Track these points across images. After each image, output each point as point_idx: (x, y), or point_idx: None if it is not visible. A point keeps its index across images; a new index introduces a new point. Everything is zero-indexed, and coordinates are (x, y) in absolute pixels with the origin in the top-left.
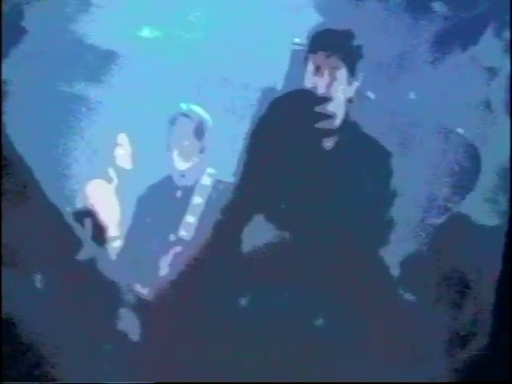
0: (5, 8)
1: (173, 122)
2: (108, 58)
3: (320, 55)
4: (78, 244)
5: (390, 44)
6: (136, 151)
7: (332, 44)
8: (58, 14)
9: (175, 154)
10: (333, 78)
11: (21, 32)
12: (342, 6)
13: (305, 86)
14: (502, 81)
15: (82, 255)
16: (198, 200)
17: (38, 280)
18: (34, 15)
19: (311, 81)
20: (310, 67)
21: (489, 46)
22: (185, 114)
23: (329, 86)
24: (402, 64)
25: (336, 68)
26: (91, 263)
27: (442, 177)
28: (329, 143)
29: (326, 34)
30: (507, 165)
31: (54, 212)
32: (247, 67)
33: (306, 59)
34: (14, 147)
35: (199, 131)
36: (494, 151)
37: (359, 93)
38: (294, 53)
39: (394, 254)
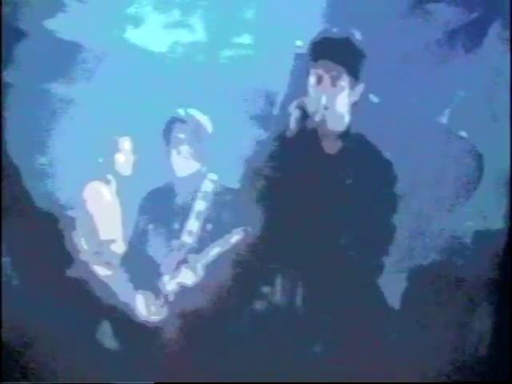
0: (4, 10)
1: (169, 127)
2: (108, 60)
3: (321, 65)
4: (69, 259)
5: (393, 46)
6: (136, 157)
7: (332, 53)
8: (55, 15)
9: (174, 159)
10: (335, 88)
11: (18, 34)
12: (344, 8)
13: (309, 95)
14: (505, 83)
15: (73, 271)
16: (200, 206)
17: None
18: (30, 17)
19: (314, 92)
20: (312, 79)
21: (492, 47)
22: (181, 119)
23: (331, 96)
24: (404, 66)
25: (338, 76)
26: (82, 280)
27: (444, 180)
28: (332, 149)
29: (325, 43)
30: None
31: (48, 224)
32: (249, 69)
33: (307, 71)
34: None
35: (197, 135)
36: (497, 154)
37: (362, 96)
38: (297, 56)
39: (397, 260)
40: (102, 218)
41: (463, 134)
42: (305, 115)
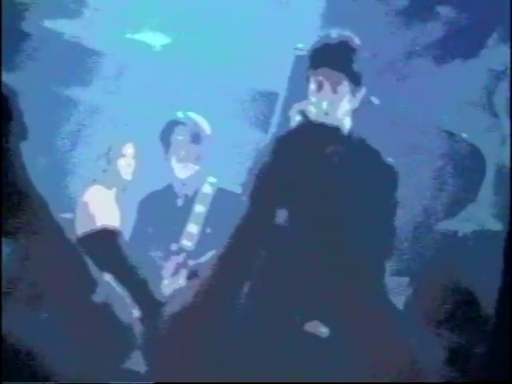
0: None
1: (168, 129)
2: (111, 63)
3: (321, 73)
4: (93, 284)
5: (395, 48)
6: (137, 161)
7: (331, 59)
8: (59, 17)
9: (174, 162)
10: (336, 94)
11: (21, 35)
12: (346, 10)
13: (309, 99)
14: (506, 84)
15: (98, 296)
16: (199, 209)
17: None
18: (35, 19)
19: (315, 99)
20: (313, 86)
21: (495, 49)
22: (180, 122)
23: (332, 102)
24: (407, 68)
25: (338, 83)
26: (106, 305)
27: (446, 182)
28: (333, 154)
29: (324, 50)
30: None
31: (70, 247)
32: (250, 72)
33: (307, 78)
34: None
35: (196, 138)
36: (499, 155)
37: (363, 98)
38: (297, 58)
39: (399, 263)
40: (103, 221)
41: (464, 135)
42: (305, 120)
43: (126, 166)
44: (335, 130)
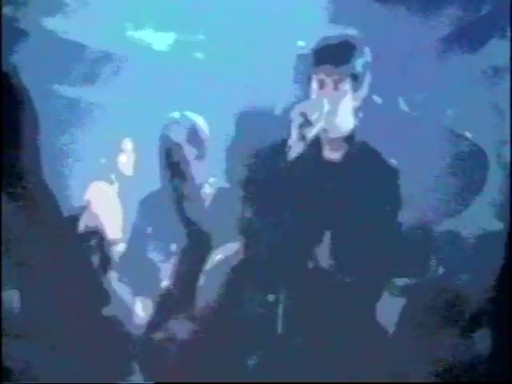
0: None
1: (165, 131)
2: (110, 61)
3: (322, 70)
4: (105, 299)
5: (397, 46)
6: (138, 158)
7: (333, 57)
8: (55, 15)
9: None
10: (338, 91)
11: (19, 34)
12: (348, 7)
13: (311, 100)
14: (509, 83)
15: (108, 311)
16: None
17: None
18: (34, 17)
19: (317, 98)
20: (314, 84)
21: (496, 47)
22: (176, 122)
23: (334, 100)
24: (409, 67)
25: (340, 80)
26: (116, 319)
27: (448, 181)
28: (336, 155)
29: (326, 48)
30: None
31: (83, 259)
32: (251, 71)
33: (309, 77)
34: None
35: (193, 138)
36: (500, 155)
37: (365, 97)
38: (299, 57)
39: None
40: (107, 217)
41: (468, 134)
42: (307, 122)
43: (125, 161)
44: None
